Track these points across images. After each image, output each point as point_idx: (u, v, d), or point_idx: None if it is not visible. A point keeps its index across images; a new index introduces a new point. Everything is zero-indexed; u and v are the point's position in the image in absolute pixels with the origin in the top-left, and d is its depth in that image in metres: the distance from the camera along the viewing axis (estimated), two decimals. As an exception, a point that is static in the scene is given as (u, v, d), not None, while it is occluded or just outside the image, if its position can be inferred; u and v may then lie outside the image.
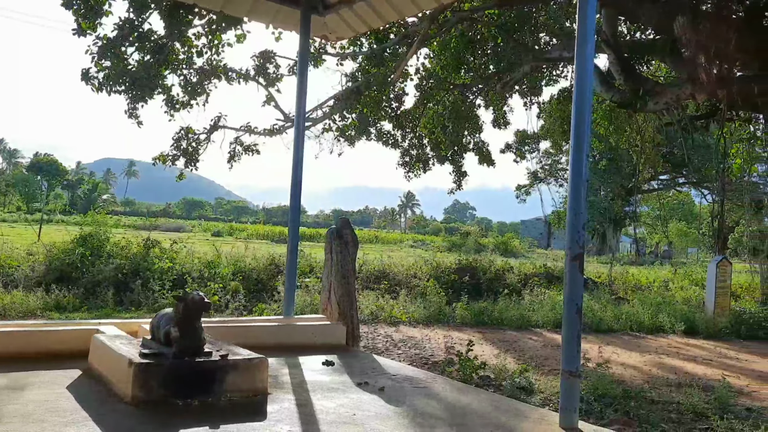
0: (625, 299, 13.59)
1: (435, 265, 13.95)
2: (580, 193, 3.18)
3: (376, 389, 3.58)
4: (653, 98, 13.34)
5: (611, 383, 5.69)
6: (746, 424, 4.61)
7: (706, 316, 10.55)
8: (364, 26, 5.51)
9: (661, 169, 32.74)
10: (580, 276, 3.16)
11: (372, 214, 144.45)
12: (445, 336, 8.47)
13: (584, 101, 3.18)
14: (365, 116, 15.87)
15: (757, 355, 8.39)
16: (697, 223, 44.73)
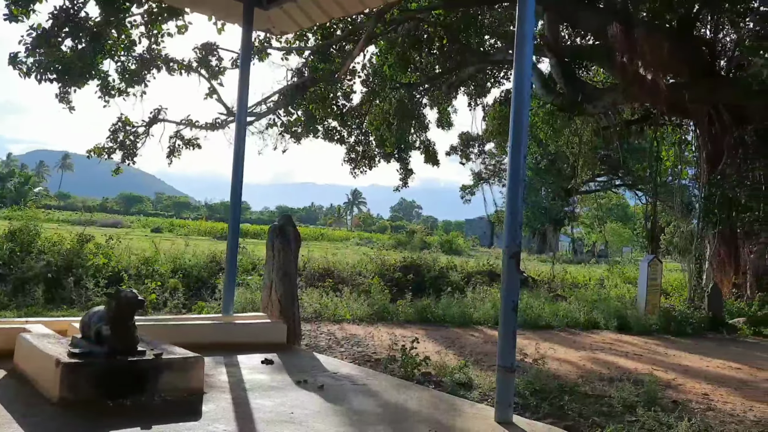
0: (563, 297, 13.99)
1: (380, 263, 13.98)
2: (518, 194, 3.25)
3: (315, 387, 3.56)
4: (591, 102, 13.82)
5: (548, 378, 5.85)
6: (672, 416, 4.82)
7: (638, 313, 10.99)
8: (309, 21, 5.47)
9: (599, 171, 33.97)
10: (516, 274, 3.24)
11: (318, 211, 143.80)
12: (388, 333, 8.51)
13: (522, 104, 3.25)
14: (312, 113, 15.78)
15: (684, 351, 8.79)
16: (631, 224, 46.48)
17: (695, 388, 6.34)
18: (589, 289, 16.31)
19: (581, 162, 21.26)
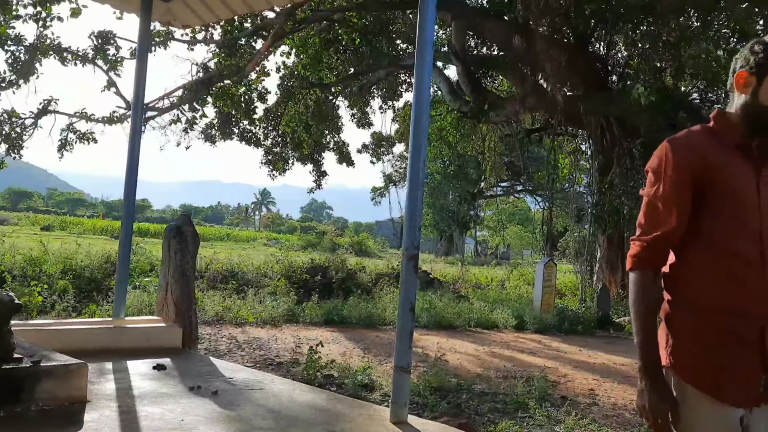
0: (466, 297, 14.43)
1: (287, 264, 13.82)
2: (417, 198, 3.31)
3: (209, 393, 3.45)
4: (495, 110, 14.34)
5: (447, 376, 6.00)
6: (561, 411, 5.09)
7: (534, 313, 11.51)
8: (212, 16, 5.30)
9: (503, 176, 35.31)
10: (414, 275, 3.30)
11: (225, 210, 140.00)
12: (293, 336, 8.42)
13: (422, 110, 3.32)
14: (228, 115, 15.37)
15: (575, 348, 9.31)
16: (531, 227, 48.67)
17: (583, 384, 6.72)
18: (491, 289, 16.95)
19: (488, 167, 22.03)
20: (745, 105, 1.81)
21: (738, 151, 1.81)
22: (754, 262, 1.73)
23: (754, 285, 1.73)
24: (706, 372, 1.75)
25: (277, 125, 17.06)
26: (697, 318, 1.78)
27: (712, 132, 1.85)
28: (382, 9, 13.97)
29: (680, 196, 1.78)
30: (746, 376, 1.73)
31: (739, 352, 1.74)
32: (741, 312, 1.73)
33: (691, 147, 1.81)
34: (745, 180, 1.77)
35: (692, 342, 1.78)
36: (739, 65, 1.84)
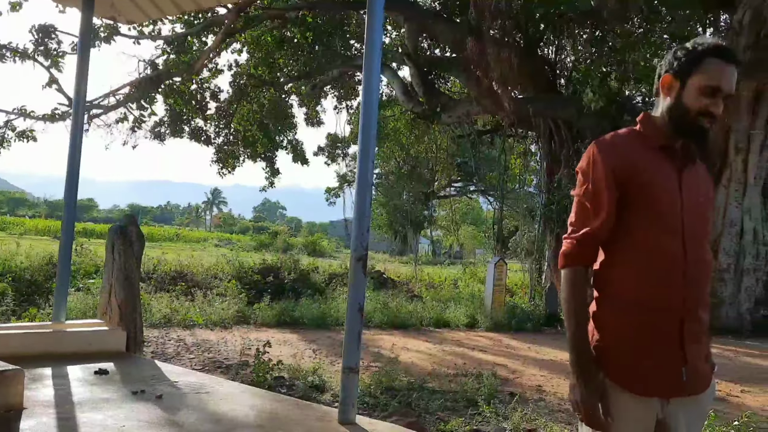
0: (419, 297, 14.53)
1: (238, 265, 13.63)
2: (366, 199, 3.31)
3: (153, 398, 3.38)
4: (447, 112, 14.51)
5: (399, 376, 6.04)
6: (509, 407, 5.19)
7: (485, 311, 11.69)
8: (158, 12, 5.18)
9: (456, 176, 35.73)
10: (363, 276, 3.30)
11: (175, 210, 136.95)
12: (243, 338, 8.31)
13: (370, 112, 3.32)
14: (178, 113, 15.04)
15: (523, 345, 9.51)
16: (484, 227, 49.41)
17: (531, 380, 6.87)
18: (444, 288, 17.12)
19: (440, 168, 22.24)
20: (669, 108, 1.89)
21: (662, 153, 1.89)
22: (675, 258, 1.81)
23: (675, 281, 1.81)
24: (628, 367, 1.82)
25: (229, 123, 16.79)
26: (622, 314, 1.85)
27: (639, 134, 1.93)
28: (335, 8, 13.93)
29: (606, 195, 1.84)
30: (667, 369, 1.81)
31: (660, 345, 1.82)
32: (663, 307, 1.81)
33: (617, 148, 1.88)
34: (668, 180, 1.85)
35: (616, 337, 1.85)
36: (663, 70, 1.92)
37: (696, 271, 1.84)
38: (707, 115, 1.83)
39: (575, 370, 1.84)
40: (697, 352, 1.85)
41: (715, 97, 1.82)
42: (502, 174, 18.54)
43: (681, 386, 1.82)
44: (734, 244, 12.83)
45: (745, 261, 12.75)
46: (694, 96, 1.83)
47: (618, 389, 1.81)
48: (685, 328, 1.82)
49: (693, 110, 1.83)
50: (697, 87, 1.83)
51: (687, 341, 1.82)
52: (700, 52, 1.85)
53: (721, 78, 1.82)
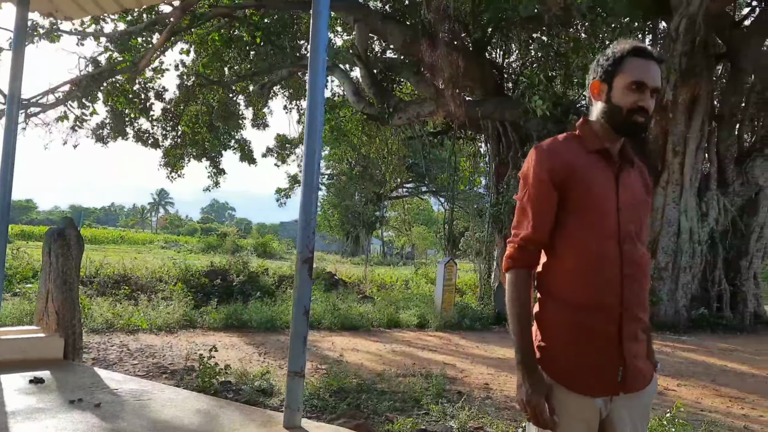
0: (371, 297, 14.55)
1: (184, 267, 13.34)
2: (311, 200, 3.30)
3: (91, 406, 3.27)
4: (398, 113, 14.58)
5: (348, 378, 6.02)
6: (456, 407, 5.25)
7: (436, 311, 11.80)
8: (98, 9, 5.01)
9: (407, 177, 35.99)
10: (309, 279, 3.28)
11: (119, 211, 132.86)
12: (189, 342, 8.13)
13: (315, 114, 3.31)
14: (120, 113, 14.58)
15: (472, 344, 9.65)
16: (435, 228, 49.88)
17: (479, 378, 6.97)
18: (395, 289, 17.20)
19: (391, 169, 22.34)
20: (603, 110, 1.98)
21: (599, 156, 1.96)
22: (612, 259, 1.88)
23: (612, 281, 1.87)
24: (568, 366, 1.87)
25: (176, 125, 16.41)
26: (562, 315, 1.90)
27: (577, 139, 2.00)
28: (283, 8, 13.80)
29: (546, 198, 1.90)
30: (606, 368, 1.87)
31: (599, 345, 1.87)
32: (601, 307, 1.87)
33: (556, 153, 1.94)
34: (605, 183, 1.92)
35: (557, 338, 1.90)
36: (591, 77, 2.01)
37: (633, 271, 1.90)
38: (638, 110, 1.91)
39: (521, 369, 1.88)
40: (635, 351, 1.91)
41: (642, 92, 1.91)
42: (452, 175, 18.76)
43: (618, 385, 1.87)
44: (672, 243, 13.36)
45: (682, 260, 13.29)
46: (621, 94, 1.92)
47: (561, 388, 1.86)
48: (624, 327, 1.87)
49: (624, 107, 1.92)
50: (622, 85, 1.92)
51: (625, 340, 1.88)
52: (620, 54, 1.95)
53: (642, 73, 1.91)
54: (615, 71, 1.94)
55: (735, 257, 14.01)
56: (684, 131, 13.27)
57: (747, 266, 13.90)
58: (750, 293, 13.80)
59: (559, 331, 1.90)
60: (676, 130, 13.25)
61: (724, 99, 14.24)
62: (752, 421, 5.56)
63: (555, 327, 1.91)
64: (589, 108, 2.06)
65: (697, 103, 13.19)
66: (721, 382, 7.33)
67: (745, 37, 13.59)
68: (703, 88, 13.13)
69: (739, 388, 7.04)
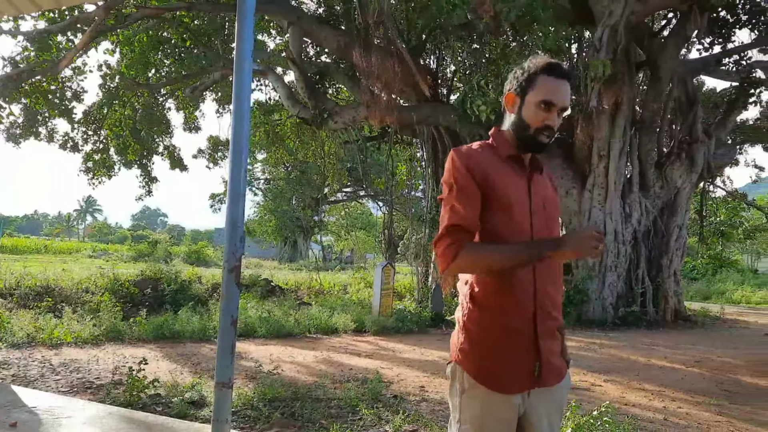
0: (308, 303, 14.44)
1: (113, 277, 12.84)
2: (239, 207, 3.24)
3: (5, 426, 3.09)
4: (334, 118, 14.55)
5: (283, 386, 5.95)
6: (391, 410, 5.28)
7: (373, 316, 11.83)
8: (12, 9, 4.77)
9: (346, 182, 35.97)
10: (236, 288, 3.22)
11: (43, 219, 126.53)
12: (116, 355, 7.83)
13: (242, 120, 3.25)
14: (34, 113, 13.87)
15: (409, 346, 9.72)
16: (374, 232, 50.07)
17: (415, 381, 7.03)
18: (334, 294, 17.13)
19: (329, 173, 22.27)
20: (514, 123, 2.06)
21: (512, 163, 2.05)
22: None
23: (526, 281, 1.96)
24: (490, 366, 1.94)
25: (99, 129, 15.77)
26: (483, 317, 1.97)
27: (491, 146, 2.09)
28: (214, 9, 13.53)
29: (472, 195, 1.96)
30: (523, 364, 1.95)
31: (517, 343, 1.96)
32: (516, 306, 1.95)
33: (473, 157, 2.02)
34: (518, 188, 2.01)
35: (478, 340, 1.97)
36: (507, 88, 2.09)
37: (546, 272, 2.00)
38: (545, 128, 2.00)
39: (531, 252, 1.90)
40: (550, 348, 2.00)
41: (550, 111, 1.99)
42: (389, 179, 18.88)
43: (535, 379, 1.95)
44: (599, 244, 13.90)
45: (608, 259, 13.86)
46: (532, 111, 2.00)
47: (482, 389, 1.93)
48: (538, 325, 1.96)
49: (533, 125, 2.00)
50: (534, 102, 2.00)
51: (541, 337, 1.96)
52: (534, 70, 2.02)
53: (552, 93, 1.99)
54: (528, 87, 2.01)
55: (657, 256, 14.74)
56: (608, 137, 13.85)
57: (668, 264, 14.64)
58: (671, 290, 14.53)
59: (480, 332, 1.97)
60: (600, 136, 13.82)
61: (645, 106, 14.96)
62: (671, 413, 5.85)
63: (477, 329, 1.97)
64: (503, 117, 2.13)
65: (619, 109, 13.81)
66: (645, 377, 7.67)
67: (663, 46, 14.34)
68: (625, 96, 13.75)
69: (660, 381, 7.39)
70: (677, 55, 14.49)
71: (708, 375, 7.90)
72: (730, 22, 15.26)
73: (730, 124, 16.88)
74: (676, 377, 7.68)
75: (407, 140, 18.39)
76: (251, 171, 46.44)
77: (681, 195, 14.89)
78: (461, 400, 1.96)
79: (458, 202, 1.95)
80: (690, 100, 15.36)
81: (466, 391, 1.95)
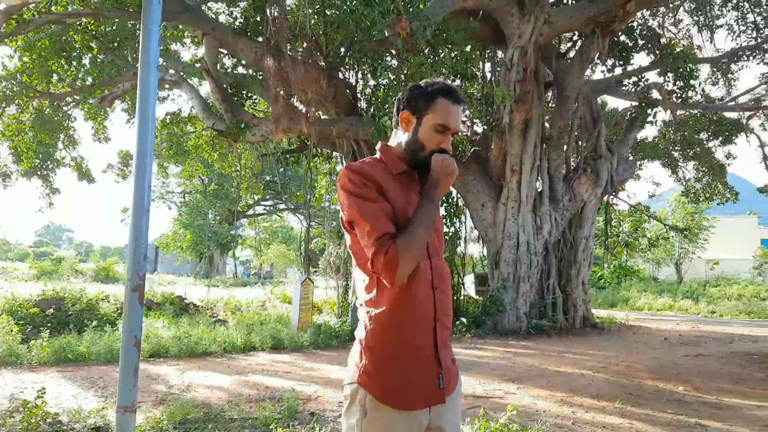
0: (224, 321, 14.04)
1: (11, 297, 12.00)
2: (142, 223, 3.10)
3: None
4: (251, 130, 14.32)
5: (194, 407, 5.73)
6: (307, 428, 5.20)
7: (292, 332, 11.65)
8: None
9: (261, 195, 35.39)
10: (139, 307, 3.08)
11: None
12: (15, 380, 7.29)
13: (146, 132, 3.12)
14: None
15: (328, 363, 9.64)
16: (294, 246, 49.53)
17: (333, 398, 6.97)
18: (251, 311, 16.76)
19: (245, 186, 21.85)
20: (408, 142, 2.09)
21: (403, 178, 2.07)
22: (425, 274, 2.00)
23: (427, 295, 1.99)
24: (393, 386, 1.93)
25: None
26: (386, 335, 1.96)
27: (381, 162, 2.10)
28: (122, 17, 13.02)
29: (375, 198, 1.96)
30: (426, 379, 1.97)
31: (421, 357, 1.97)
32: (419, 320, 1.97)
33: (366, 172, 2.02)
34: (410, 202, 2.03)
35: (382, 359, 1.96)
36: (402, 105, 2.11)
37: (441, 284, 2.04)
38: (440, 152, 2.04)
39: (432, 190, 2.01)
40: (447, 356, 2.04)
41: (445, 135, 2.05)
42: (308, 193, 18.76)
43: (441, 392, 1.98)
44: (513, 255, 14.41)
45: (521, 270, 14.37)
46: (428, 132, 2.04)
47: (387, 409, 1.91)
48: (438, 336, 1.99)
49: (428, 147, 2.04)
50: (431, 124, 2.04)
51: (440, 348, 2.00)
52: (431, 92, 2.05)
53: (448, 116, 2.04)
54: (426, 108, 2.04)
55: (566, 266, 15.42)
56: (520, 152, 14.42)
57: (576, 274, 15.34)
58: (579, 299, 15.24)
59: (384, 351, 1.96)
60: (513, 151, 14.37)
61: (553, 123, 15.70)
62: (578, 418, 6.11)
63: (381, 348, 1.97)
64: (392, 133, 2.15)
65: (530, 126, 14.42)
66: (555, 383, 7.98)
67: (569, 67, 15.13)
68: (534, 113, 14.38)
69: (569, 387, 7.71)
70: (582, 76, 15.32)
71: (613, 379, 8.31)
72: (629, 45, 16.34)
73: (631, 141, 18.01)
74: (584, 382, 8.03)
75: (327, 154, 18.36)
76: (166, 185, 44.81)
77: (587, 208, 15.68)
78: (362, 423, 1.92)
79: (370, 212, 1.92)
80: (594, 118, 16.27)
81: (368, 413, 1.92)
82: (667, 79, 16.34)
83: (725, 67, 18.22)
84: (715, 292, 26.48)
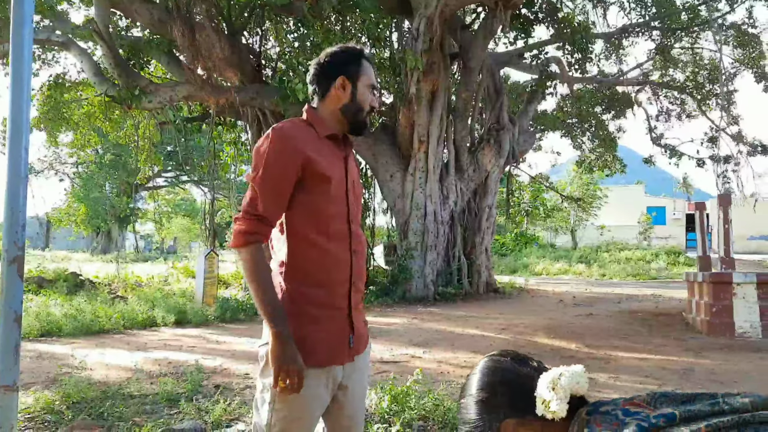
0: (123, 297, 13.43)
1: None
2: (19, 191, 2.85)
3: None
4: (147, 96, 13.57)
5: (90, 386, 5.46)
6: (212, 401, 5.09)
7: (196, 306, 11.33)
8: None
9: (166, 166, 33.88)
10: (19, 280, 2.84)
11: None
12: None
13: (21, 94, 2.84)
14: None
15: (235, 336, 9.48)
16: (199, 219, 47.93)
17: (239, 370, 6.87)
18: (153, 286, 16.13)
19: (143, 156, 20.77)
20: (346, 105, 2.13)
21: (330, 142, 2.11)
22: (344, 238, 2.06)
23: (345, 257, 2.06)
24: (309, 344, 1.97)
25: None
26: (302, 296, 2.00)
27: (308, 124, 2.12)
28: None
29: (284, 179, 1.97)
30: (341, 339, 2.05)
31: (333, 319, 2.04)
32: (337, 283, 2.04)
33: (295, 136, 2.02)
34: (337, 167, 2.08)
35: (297, 315, 1.99)
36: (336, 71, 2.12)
37: (358, 248, 2.11)
38: (372, 110, 2.15)
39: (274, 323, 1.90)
40: (359, 318, 2.12)
41: (374, 94, 2.14)
42: (212, 163, 18.15)
43: (351, 351, 2.07)
44: (420, 225, 14.69)
45: (429, 239, 14.70)
46: (363, 95, 2.12)
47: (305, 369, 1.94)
48: (352, 298, 2.07)
49: (365, 108, 2.12)
50: (365, 86, 2.12)
51: (353, 310, 2.08)
52: (357, 56, 2.14)
53: (374, 77, 2.15)
54: (357, 72, 2.11)
55: (471, 235, 15.94)
56: (427, 123, 14.61)
57: (480, 242, 15.90)
58: (483, 265, 15.83)
59: (298, 312, 1.99)
60: (420, 122, 14.53)
61: (458, 94, 16.00)
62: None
63: (295, 306, 1.99)
64: (315, 97, 2.16)
65: (436, 97, 14.62)
66: (459, 346, 8.28)
67: (473, 39, 15.40)
68: (441, 84, 14.59)
69: (472, 348, 8.03)
70: (486, 48, 15.66)
71: (512, 339, 8.75)
72: (531, 19, 16.84)
73: (531, 112, 18.73)
74: (486, 344, 8.39)
75: (231, 122, 17.78)
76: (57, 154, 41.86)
77: (491, 178, 16.21)
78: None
79: (270, 187, 1.95)
80: (497, 89, 16.75)
81: None
82: (567, 50, 17.02)
83: (617, 42, 19.23)
84: (606, 256, 28.39)
